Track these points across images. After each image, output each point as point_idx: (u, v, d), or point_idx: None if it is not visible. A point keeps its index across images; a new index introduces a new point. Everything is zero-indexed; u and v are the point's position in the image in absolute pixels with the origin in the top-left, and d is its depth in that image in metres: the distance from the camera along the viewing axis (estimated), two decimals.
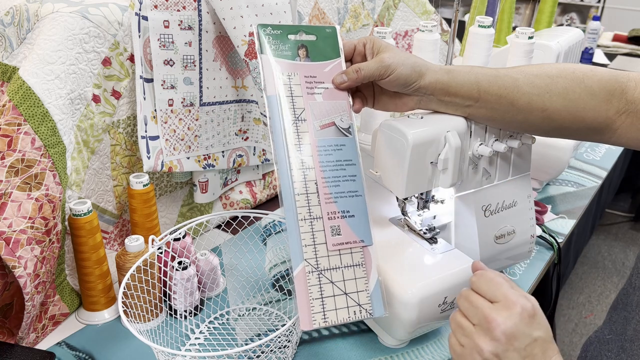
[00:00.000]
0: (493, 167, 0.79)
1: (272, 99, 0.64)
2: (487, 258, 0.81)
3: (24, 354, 0.72)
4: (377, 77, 0.66)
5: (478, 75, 0.67)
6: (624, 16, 3.96)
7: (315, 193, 0.62)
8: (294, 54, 0.66)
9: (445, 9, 3.64)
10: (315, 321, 0.60)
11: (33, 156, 0.75)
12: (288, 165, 0.62)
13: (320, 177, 0.63)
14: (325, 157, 0.64)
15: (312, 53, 0.67)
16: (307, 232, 0.61)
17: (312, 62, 0.67)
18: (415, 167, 0.69)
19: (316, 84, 0.66)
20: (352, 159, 0.65)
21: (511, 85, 0.67)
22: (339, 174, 0.64)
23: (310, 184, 0.62)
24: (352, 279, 0.62)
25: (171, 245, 0.83)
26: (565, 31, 1.26)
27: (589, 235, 1.83)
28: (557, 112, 0.67)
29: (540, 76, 0.67)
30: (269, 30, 0.66)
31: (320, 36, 0.68)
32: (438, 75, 0.67)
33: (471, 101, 0.69)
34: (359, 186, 0.64)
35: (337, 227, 0.62)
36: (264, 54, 0.65)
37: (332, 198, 0.63)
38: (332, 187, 0.63)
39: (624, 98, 0.66)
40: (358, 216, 0.64)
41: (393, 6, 1.46)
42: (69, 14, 0.81)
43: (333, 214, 0.63)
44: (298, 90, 0.65)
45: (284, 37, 0.66)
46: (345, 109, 0.66)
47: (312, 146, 0.63)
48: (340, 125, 0.65)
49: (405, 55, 0.67)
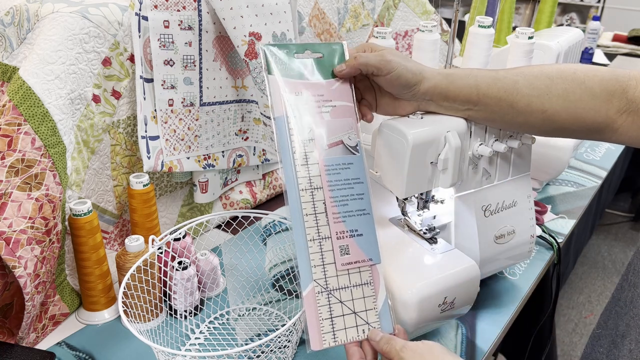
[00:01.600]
0: (493, 167, 0.79)
1: (280, 121, 0.63)
2: (487, 258, 0.81)
3: (24, 354, 0.72)
4: (376, 70, 0.65)
5: (477, 78, 0.67)
6: (624, 16, 3.96)
7: (323, 213, 0.62)
8: (300, 73, 0.66)
9: (445, 9, 3.64)
10: (325, 341, 0.60)
11: (33, 156, 0.75)
12: (296, 186, 0.61)
13: (329, 197, 0.62)
14: (333, 176, 0.63)
15: (320, 71, 0.67)
16: (316, 253, 0.61)
17: (320, 81, 0.66)
18: (415, 167, 0.69)
19: (324, 102, 0.65)
20: (359, 177, 0.64)
21: (511, 87, 0.67)
22: (347, 193, 0.63)
23: (319, 203, 0.62)
24: (361, 298, 0.62)
25: (171, 245, 0.83)
26: (565, 31, 1.26)
27: (588, 235, 1.83)
28: (557, 114, 0.67)
29: (540, 77, 0.67)
30: (275, 50, 0.65)
31: (327, 53, 0.67)
32: (436, 81, 0.67)
33: (470, 105, 0.69)
34: (366, 204, 0.64)
35: (346, 246, 0.62)
36: (271, 74, 0.64)
37: (341, 217, 0.62)
38: (341, 206, 0.63)
39: (624, 97, 0.65)
40: (366, 235, 0.63)
41: (393, 6, 1.46)
42: (69, 14, 0.81)
43: (342, 234, 0.62)
44: (306, 110, 0.64)
45: (290, 57, 0.66)
46: (353, 126, 0.66)
47: (320, 165, 0.63)
48: (348, 143, 0.65)
49: (406, 57, 0.67)
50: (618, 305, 0.65)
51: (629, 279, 0.64)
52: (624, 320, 0.62)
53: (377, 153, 0.74)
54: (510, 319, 0.86)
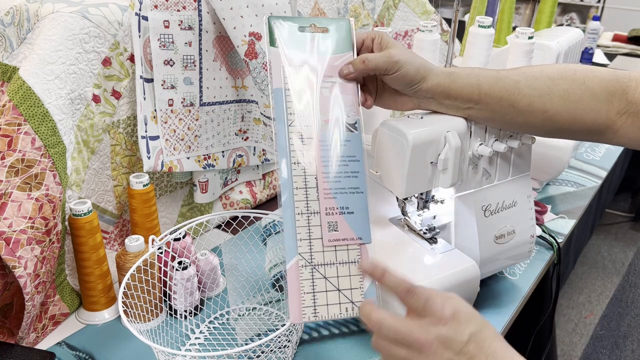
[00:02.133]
0: (493, 167, 0.79)
1: (278, 92, 0.63)
2: (487, 258, 0.81)
3: (24, 354, 0.72)
4: (383, 70, 0.65)
5: (479, 77, 0.67)
6: (624, 16, 3.96)
7: (314, 188, 0.61)
8: (304, 46, 0.65)
9: (445, 9, 3.63)
10: (305, 315, 0.59)
11: (33, 156, 0.75)
12: (289, 158, 0.61)
13: (321, 172, 0.62)
14: (327, 152, 0.63)
15: (324, 46, 0.66)
16: (304, 227, 0.60)
17: (322, 55, 0.66)
18: (415, 167, 0.69)
19: (325, 77, 0.65)
20: (355, 155, 0.64)
21: (512, 87, 0.67)
22: (341, 170, 0.63)
23: (310, 178, 0.61)
24: (347, 276, 0.62)
25: (171, 245, 0.83)
26: (565, 31, 1.26)
27: (588, 235, 1.83)
28: (558, 114, 0.67)
29: (541, 78, 0.67)
30: (280, 22, 0.65)
31: (332, 29, 0.67)
32: (439, 79, 0.67)
33: (471, 103, 0.69)
34: (361, 183, 0.63)
35: (335, 223, 0.62)
36: (273, 46, 0.64)
37: (332, 194, 0.62)
38: (333, 182, 0.62)
39: (625, 98, 0.65)
40: (358, 213, 0.63)
41: (393, 6, 1.46)
42: (69, 14, 0.81)
43: (331, 210, 0.62)
44: (306, 83, 0.64)
45: (294, 30, 0.65)
46: (353, 104, 0.65)
47: (315, 140, 0.62)
48: (346, 120, 0.64)
49: (412, 54, 0.67)
50: (619, 306, 0.65)
51: (630, 279, 0.64)
52: (625, 320, 0.62)
53: (377, 153, 0.74)
54: (510, 319, 0.86)
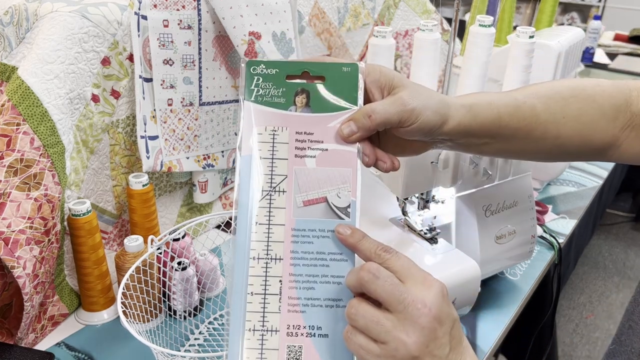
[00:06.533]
0: (494, 167, 0.79)
1: (245, 161, 0.48)
2: (488, 258, 0.81)
3: (23, 355, 0.72)
4: (396, 124, 0.50)
5: (499, 108, 0.59)
6: (625, 16, 3.96)
7: (276, 295, 0.46)
8: (288, 101, 0.49)
9: (445, 8, 3.63)
10: None
11: (32, 156, 0.74)
12: (247, 252, 0.47)
13: (288, 274, 0.47)
14: (301, 246, 0.47)
15: (315, 100, 0.50)
16: (253, 349, 0.45)
17: (312, 114, 0.49)
18: (415, 167, 0.69)
19: (311, 144, 0.49)
20: (342, 253, 0.47)
21: (529, 115, 0.61)
22: (317, 272, 0.47)
23: (273, 281, 0.46)
24: None
25: (170, 245, 0.83)
26: (566, 30, 1.26)
27: (589, 236, 1.83)
28: (569, 139, 0.63)
29: (555, 98, 0.63)
30: (261, 68, 0.50)
31: (331, 76, 0.50)
32: (460, 116, 0.55)
33: (487, 138, 0.60)
34: (343, 294, 0.46)
35: (298, 349, 0.45)
36: (249, 99, 0.49)
37: (300, 306, 0.46)
38: (303, 289, 0.46)
39: (628, 111, 0.62)
40: (333, 337, 0.46)
41: (393, 5, 1.46)
42: (68, 14, 0.80)
43: (295, 329, 0.46)
44: (283, 151, 0.48)
45: (279, 79, 0.50)
46: (348, 180, 0.48)
47: (285, 228, 0.47)
48: (334, 202, 0.48)
49: (427, 92, 0.53)
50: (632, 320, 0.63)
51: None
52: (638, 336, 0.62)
53: None
54: (511, 320, 0.86)
